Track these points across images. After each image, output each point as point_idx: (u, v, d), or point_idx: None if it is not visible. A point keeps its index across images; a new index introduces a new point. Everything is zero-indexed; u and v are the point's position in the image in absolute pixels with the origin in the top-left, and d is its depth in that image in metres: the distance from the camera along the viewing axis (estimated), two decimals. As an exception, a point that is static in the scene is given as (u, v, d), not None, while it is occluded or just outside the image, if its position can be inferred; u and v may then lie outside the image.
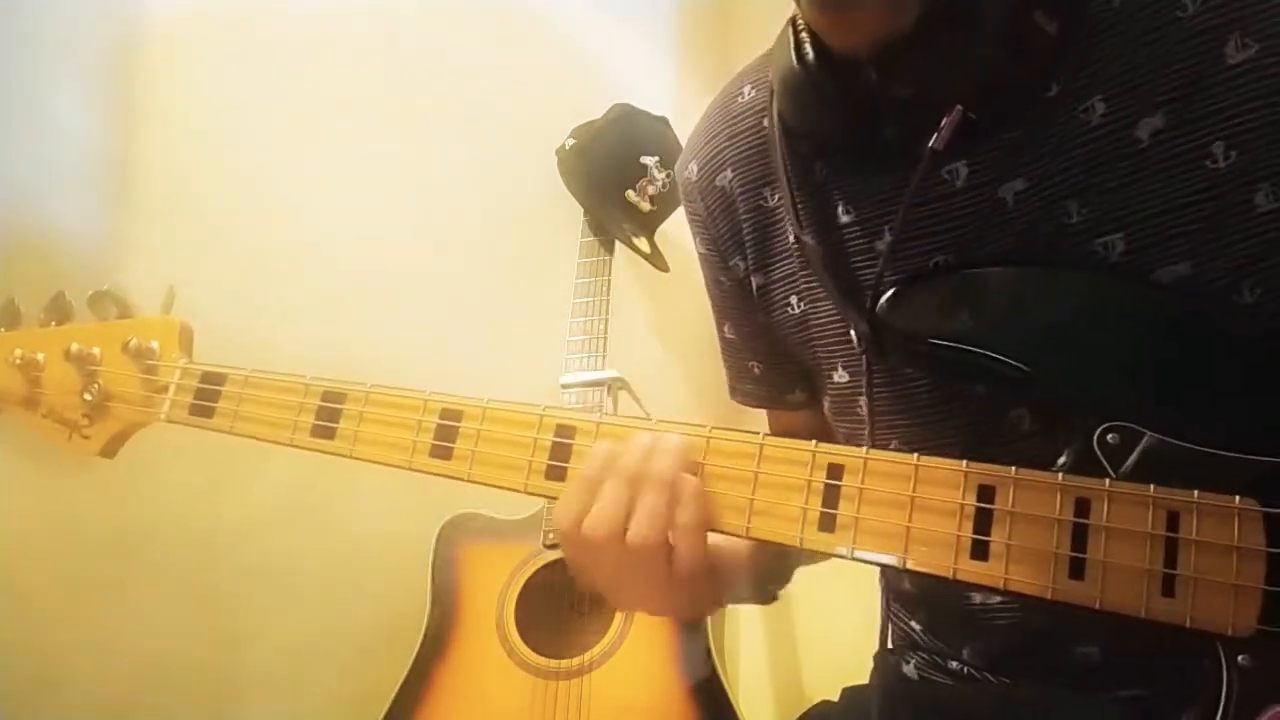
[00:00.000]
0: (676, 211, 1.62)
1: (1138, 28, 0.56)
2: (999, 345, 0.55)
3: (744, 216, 0.73)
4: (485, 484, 0.64)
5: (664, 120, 1.59)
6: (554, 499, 0.61)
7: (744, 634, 1.74)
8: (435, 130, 1.56)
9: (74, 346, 0.78)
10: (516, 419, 0.63)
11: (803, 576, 0.75)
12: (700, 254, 0.80)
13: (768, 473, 0.56)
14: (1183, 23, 0.55)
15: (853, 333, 0.66)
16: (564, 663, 1.20)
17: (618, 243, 1.55)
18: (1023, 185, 0.59)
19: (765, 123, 0.70)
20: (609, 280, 1.49)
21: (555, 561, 1.29)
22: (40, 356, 0.79)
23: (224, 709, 1.31)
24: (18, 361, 0.79)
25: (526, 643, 1.23)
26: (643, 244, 1.55)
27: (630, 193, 1.53)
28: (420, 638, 1.26)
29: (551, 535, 1.30)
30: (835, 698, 0.80)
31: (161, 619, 1.25)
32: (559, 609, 1.32)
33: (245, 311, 1.23)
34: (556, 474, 0.62)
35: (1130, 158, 0.56)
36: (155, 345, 0.77)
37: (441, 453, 0.65)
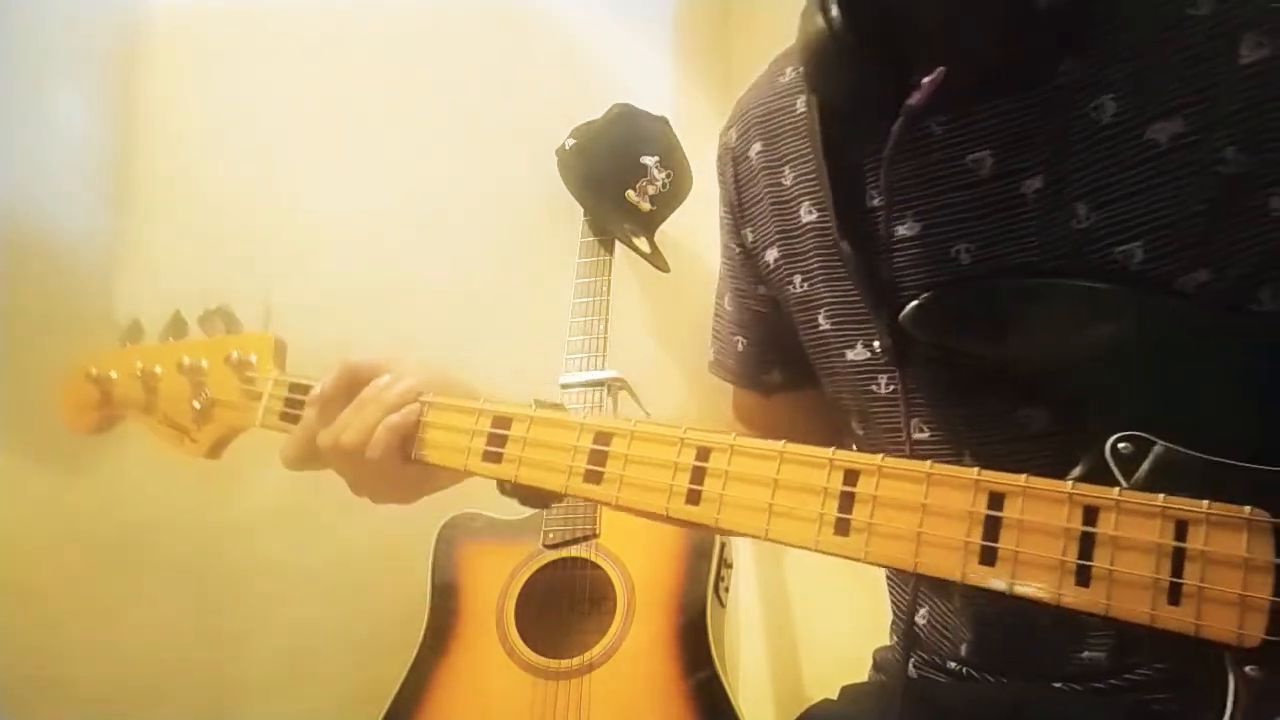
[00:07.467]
0: (676, 211, 1.62)
1: (1147, 25, 0.55)
2: (1016, 354, 0.55)
3: (764, 191, 0.75)
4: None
5: (664, 120, 1.59)
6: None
7: (744, 634, 1.74)
8: (435, 130, 1.56)
9: (186, 359, 0.86)
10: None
11: (803, 577, 0.75)
12: (721, 216, 0.83)
13: (786, 477, 0.57)
14: (1196, 21, 0.53)
15: (876, 343, 0.66)
16: (564, 663, 1.20)
17: (618, 243, 1.54)
18: (1041, 182, 0.58)
19: (799, 104, 0.72)
20: (609, 280, 1.49)
21: (555, 561, 1.29)
22: (158, 369, 0.89)
23: (224, 709, 1.30)
24: (139, 374, 0.89)
25: (526, 643, 1.23)
26: (643, 244, 1.55)
27: (630, 193, 1.53)
28: (420, 638, 1.26)
29: (552, 535, 1.30)
30: (835, 697, 0.80)
31: (162, 619, 1.25)
32: (559, 609, 1.32)
33: (244, 311, 1.23)
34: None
35: (1148, 162, 0.55)
36: (254, 358, 0.84)
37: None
